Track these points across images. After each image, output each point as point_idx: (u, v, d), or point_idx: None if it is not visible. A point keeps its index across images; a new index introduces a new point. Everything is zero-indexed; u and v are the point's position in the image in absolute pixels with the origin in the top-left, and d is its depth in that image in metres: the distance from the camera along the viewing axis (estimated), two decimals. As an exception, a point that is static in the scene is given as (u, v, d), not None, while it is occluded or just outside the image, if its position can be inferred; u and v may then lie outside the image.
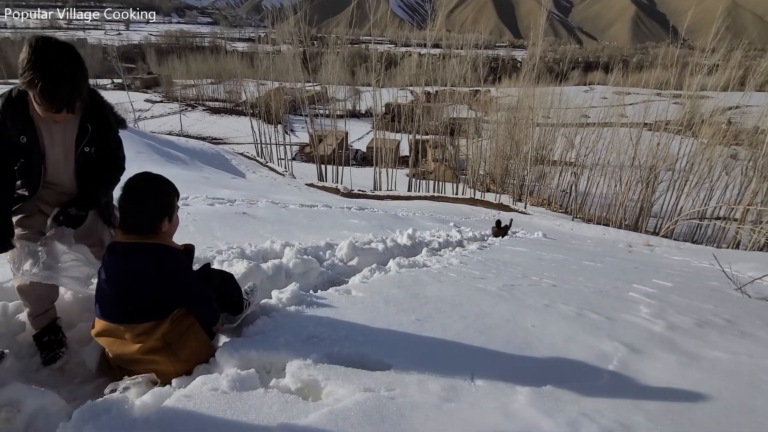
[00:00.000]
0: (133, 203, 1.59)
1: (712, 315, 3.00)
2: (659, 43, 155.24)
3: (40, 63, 1.49)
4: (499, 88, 39.94)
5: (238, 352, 1.68)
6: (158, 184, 1.66)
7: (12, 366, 1.59)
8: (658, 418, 1.45)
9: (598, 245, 10.96)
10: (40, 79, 1.49)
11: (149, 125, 44.06)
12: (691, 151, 21.37)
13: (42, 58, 1.49)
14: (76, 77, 1.57)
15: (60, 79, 1.52)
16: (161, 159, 14.67)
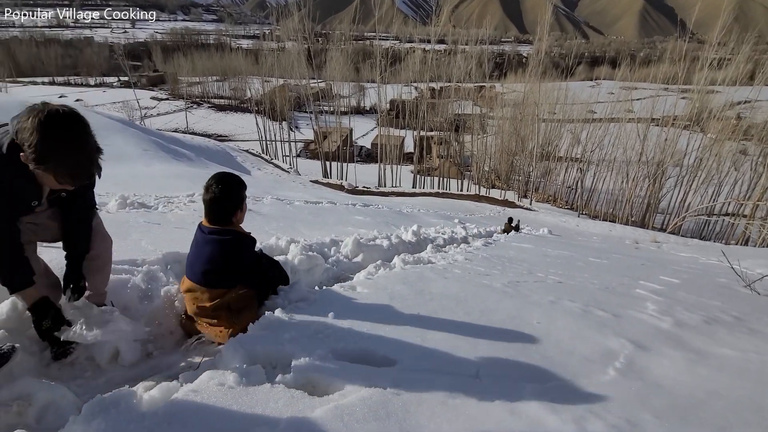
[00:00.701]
0: (214, 202, 2.05)
1: (721, 312, 2.97)
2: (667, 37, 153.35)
3: (55, 150, 1.39)
4: (504, 84, 39.67)
5: (244, 347, 1.69)
6: (232, 184, 2.09)
7: (23, 360, 1.61)
8: (666, 415, 1.45)
9: (605, 242, 10.90)
10: (57, 166, 1.42)
11: (155, 123, 44.32)
12: (700, 147, 21.12)
13: (55, 144, 1.39)
14: (92, 152, 1.50)
15: (81, 163, 1.47)
16: (167, 156, 14.77)
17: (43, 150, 1.38)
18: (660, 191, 21.48)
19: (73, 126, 1.43)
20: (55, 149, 1.39)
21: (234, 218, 2.12)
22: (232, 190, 2.08)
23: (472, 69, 28.31)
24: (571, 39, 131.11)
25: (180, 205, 5.37)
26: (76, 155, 1.44)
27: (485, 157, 29.39)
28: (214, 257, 2.06)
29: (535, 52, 25.57)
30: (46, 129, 1.37)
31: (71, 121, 1.43)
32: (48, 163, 1.40)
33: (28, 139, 1.37)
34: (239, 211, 2.12)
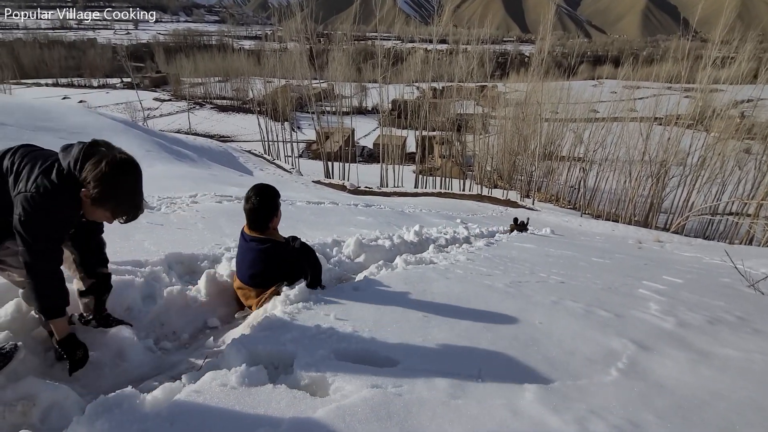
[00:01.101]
0: (253, 212, 2.43)
1: (724, 312, 2.96)
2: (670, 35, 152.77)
3: (120, 194, 1.61)
4: (506, 84, 39.60)
5: (246, 348, 1.70)
6: (268, 195, 2.45)
7: (27, 361, 1.62)
8: (668, 416, 1.44)
9: (607, 241, 10.86)
10: (117, 206, 1.63)
11: (158, 123, 44.49)
12: (703, 146, 21.01)
13: (120, 188, 1.60)
14: (142, 195, 1.71)
15: (137, 205, 1.68)
16: (170, 157, 14.82)
17: (110, 192, 1.58)
18: (663, 191, 21.37)
19: (134, 172, 1.64)
20: (119, 193, 1.61)
21: (270, 224, 2.49)
22: (268, 200, 2.45)
23: (474, 69, 28.26)
24: (574, 38, 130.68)
25: (182, 206, 5.38)
26: (134, 198, 1.66)
27: (487, 156, 29.33)
28: (255, 263, 2.46)
29: (538, 51, 25.50)
30: (114, 175, 1.57)
31: (133, 168, 1.64)
32: (110, 203, 1.61)
33: (95, 180, 1.55)
34: (275, 217, 2.50)
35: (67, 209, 1.60)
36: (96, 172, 1.54)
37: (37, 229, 1.54)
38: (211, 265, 3.02)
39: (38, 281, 1.60)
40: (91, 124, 15.18)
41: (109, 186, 1.56)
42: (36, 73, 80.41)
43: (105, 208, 1.62)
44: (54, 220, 1.58)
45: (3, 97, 18.96)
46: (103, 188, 1.56)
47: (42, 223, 1.54)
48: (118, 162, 1.59)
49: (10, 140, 7.62)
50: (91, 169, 1.55)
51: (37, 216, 1.52)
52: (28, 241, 1.54)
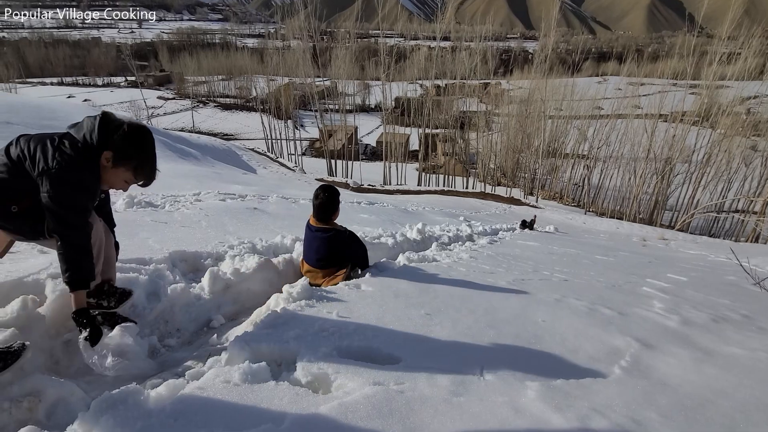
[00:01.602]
0: (321, 206, 2.91)
1: (729, 310, 2.94)
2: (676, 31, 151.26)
3: (141, 151, 1.78)
4: (510, 81, 39.43)
5: (249, 345, 1.70)
6: (333, 193, 2.95)
7: (34, 357, 1.64)
8: (671, 414, 1.44)
9: (611, 239, 10.81)
10: (145, 166, 1.80)
11: (162, 122, 44.63)
12: (709, 143, 20.84)
13: (142, 147, 1.78)
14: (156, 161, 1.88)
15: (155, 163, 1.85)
16: (174, 155, 14.86)
17: (133, 150, 1.74)
18: (668, 188, 21.24)
19: (150, 134, 1.81)
20: (141, 151, 1.77)
21: (332, 217, 2.99)
22: (333, 197, 2.94)
23: (478, 66, 28.14)
24: (578, 34, 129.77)
25: (186, 204, 5.40)
26: (153, 158, 1.83)
27: (491, 154, 29.23)
28: (320, 249, 2.93)
29: (541, 48, 25.35)
30: (136, 134, 1.75)
31: (149, 131, 1.82)
32: (133, 161, 1.75)
33: (121, 139, 1.70)
34: (336, 212, 2.99)
35: (91, 178, 1.68)
36: (120, 132, 1.69)
37: (68, 202, 1.61)
38: (214, 262, 3.03)
39: (71, 253, 1.64)
40: (96, 123, 15.23)
41: (132, 144, 1.72)
42: (41, 72, 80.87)
43: (128, 167, 1.75)
44: (81, 189, 1.65)
45: (9, 96, 19.08)
46: (127, 146, 1.71)
47: (71, 195, 1.61)
48: (137, 125, 1.77)
49: (15, 139, 7.50)
50: (114, 130, 1.70)
51: (65, 189, 1.59)
52: (61, 214, 1.60)
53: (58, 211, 1.59)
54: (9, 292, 1.92)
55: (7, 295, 1.89)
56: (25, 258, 2.48)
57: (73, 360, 1.79)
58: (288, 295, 2.37)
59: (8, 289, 1.93)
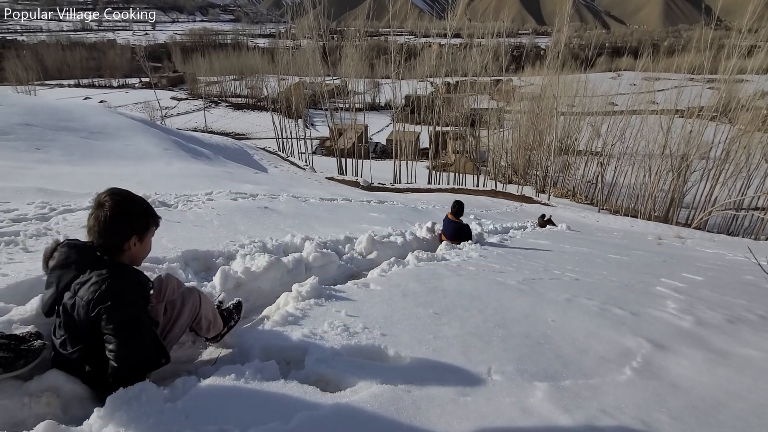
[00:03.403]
0: (458, 209, 5.53)
1: (745, 311, 2.88)
2: (693, 25, 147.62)
3: (139, 204, 1.59)
4: (521, 77, 38.97)
5: (259, 343, 1.73)
6: (462, 204, 5.63)
7: (51, 355, 1.69)
8: (682, 416, 1.42)
9: (625, 237, 10.63)
10: (150, 212, 1.60)
11: (175, 122, 45.28)
12: (727, 139, 20.29)
13: (135, 201, 1.58)
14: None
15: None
16: (186, 155, 15.08)
17: (133, 213, 1.54)
18: (684, 185, 20.75)
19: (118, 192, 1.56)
20: (136, 206, 1.56)
21: (462, 215, 5.50)
22: (462, 206, 5.54)
23: (489, 62, 27.87)
24: (592, 29, 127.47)
25: (198, 203, 5.49)
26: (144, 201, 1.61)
27: (502, 151, 28.94)
28: (454, 234, 5.40)
29: (554, 43, 24.97)
30: (119, 204, 1.51)
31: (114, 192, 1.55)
32: (143, 219, 1.57)
33: (145, 209, 1.58)
34: (462, 213, 5.52)
35: (136, 282, 1.51)
36: (110, 220, 1.47)
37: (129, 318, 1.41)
38: (226, 261, 3.08)
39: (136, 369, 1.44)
40: (111, 124, 15.57)
41: (128, 212, 1.52)
42: (59, 74, 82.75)
43: (145, 229, 1.59)
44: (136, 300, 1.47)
45: (28, 99, 19.58)
46: (141, 212, 1.55)
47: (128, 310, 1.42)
48: (105, 198, 1.50)
49: (35, 139, 7.86)
50: (108, 225, 1.48)
51: (124, 309, 1.40)
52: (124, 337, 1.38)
53: (123, 335, 1.43)
54: (28, 290, 1.98)
55: (27, 293, 1.95)
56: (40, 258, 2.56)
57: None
58: (297, 294, 2.39)
59: (27, 288, 1.99)
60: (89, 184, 7.06)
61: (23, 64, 60.07)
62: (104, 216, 1.47)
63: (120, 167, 10.57)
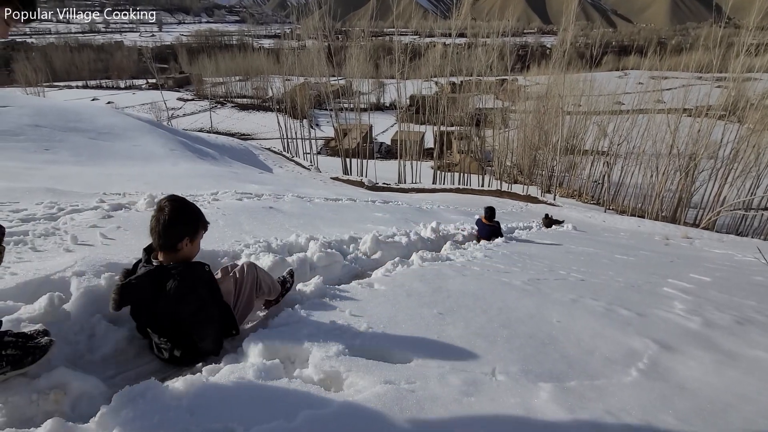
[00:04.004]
0: (490, 213, 6.44)
1: (755, 312, 2.84)
2: (701, 23, 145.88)
3: (191, 210, 1.89)
4: (527, 77, 38.79)
5: (263, 342, 1.74)
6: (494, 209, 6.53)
7: (59, 352, 1.71)
8: (690, 418, 1.40)
9: (632, 238, 10.54)
10: (200, 217, 1.90)
11: (181, 123, 45.64)
12: (736, 138, 20.06)
13: (188, 209, 1.89)
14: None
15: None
16: (192, 155, 15.19)
17: (194, 215, 1.87)
18: (692, 185, 20.55)
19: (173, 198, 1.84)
20: (190, 213, 1.86)
21: (493, 218, 6.40)
22: (494, 211, 6.47)
23: (494, 62, 27.78)
24: (598, 28, 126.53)
25: (204, 203, 5.52)
26: (195, 207, 1.90)
27: (507, 151, 28.84)
28: (488, 233, 6.21)
29: (560, 42, 24.83)
30: (183, 207, 1.84)
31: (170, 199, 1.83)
32: (194, 224, 1.85)
33: (188, 225, 1.83)
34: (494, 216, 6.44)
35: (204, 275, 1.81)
36: (168, 223, 1.77)
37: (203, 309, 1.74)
38: (231, 261, 3.09)
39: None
40: (118, 125, 15.71)
41: (183, 217, 1.80)
42: (67, 75, 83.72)
43: (196, 232, 1.85)
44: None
45: (37, 100, 19.82)
46: (195, 216, 1.85)
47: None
48: (164, 203, 1.80)
49: (44, 140, 7.96)
50: (167, 228, 1.77)
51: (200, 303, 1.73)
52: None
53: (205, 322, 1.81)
54: (37, 289, 2.00)
55: (35, 292, 1.98)
56: (52, 257, 2.59)
57: (97, 355, 1.86)
58: (302, 293, 2.40)
59: (36, 287, 2.01)
60: (97, 184, 7.14)
61: (32, 65, 60.87)
62: (164, 219, 1.75)
63: (127, 167, 10.67)
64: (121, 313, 2.08)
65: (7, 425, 1.25)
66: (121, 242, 3.19)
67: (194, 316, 1.71)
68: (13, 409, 1.32)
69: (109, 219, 3.89)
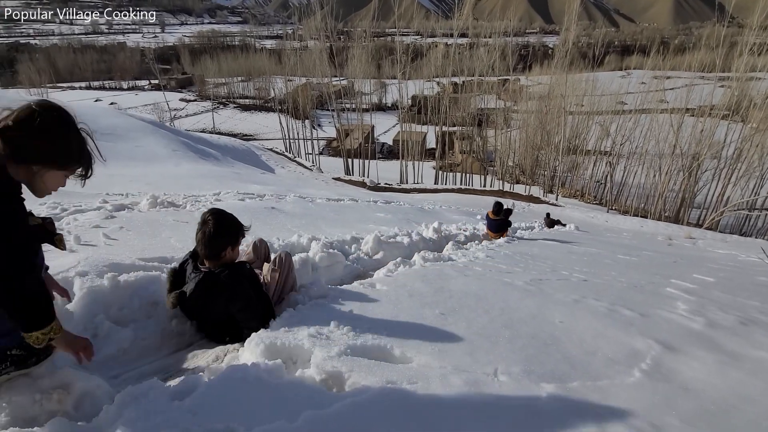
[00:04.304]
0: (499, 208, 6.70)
1: (759, 312, 2.82)
2: (704, 22, 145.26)
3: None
4: (529, 77, 38.73)
5: (265, 342, 1.74)
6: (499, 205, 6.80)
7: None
8: (693, 420, 1.39)
9: (635, 238, 10.51)
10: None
11: (184, 123, 45.78)
12: (740, 137, 19.97)
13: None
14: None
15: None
16: (195, 156, 15.24)
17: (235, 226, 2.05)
18: (696, 185, 20.47)
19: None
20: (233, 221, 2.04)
21: (503, 212, 6.72)
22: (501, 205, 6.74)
23: (496, 62, 27.74)
24: (600, 28, 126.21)
25: (207, 204, 5.54)
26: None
27: (509, 151, 28.79)
28: (497, 227, 6.66)
29: (562, 42, 24.77)
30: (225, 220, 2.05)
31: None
32: (242, 230, 2.07)
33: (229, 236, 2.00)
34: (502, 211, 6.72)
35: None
36: (213, 235, 1.94)
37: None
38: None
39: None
40: (121, 126, 15.78)
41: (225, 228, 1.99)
42: (71, 76, 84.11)
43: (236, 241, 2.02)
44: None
45: (40, 101, 19.90)
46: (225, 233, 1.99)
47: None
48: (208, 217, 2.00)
49: (46, 142, 7.81)
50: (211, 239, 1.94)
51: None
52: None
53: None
54: (40, 289, 2.00)
55: (39, 292, 1.98)
56: (56, 257, 2.60)
57: (100, 355, 1.87)
58: (304, 293, 2.40)
59: (39, 287, 2.02)
60: (100, 185, 7.17)
61: (36, 67, 61.22)
62: (208, 232, 1.97)
63: (130, 168, 10.71)
64: (123, 313, 2.09)
65: (11, 425, 1.26)
66: (123, 242, 3.20)
67: (242, 312, 1.97)
68: (16, 408, 1.32)
69: (112, 219, 3.91)
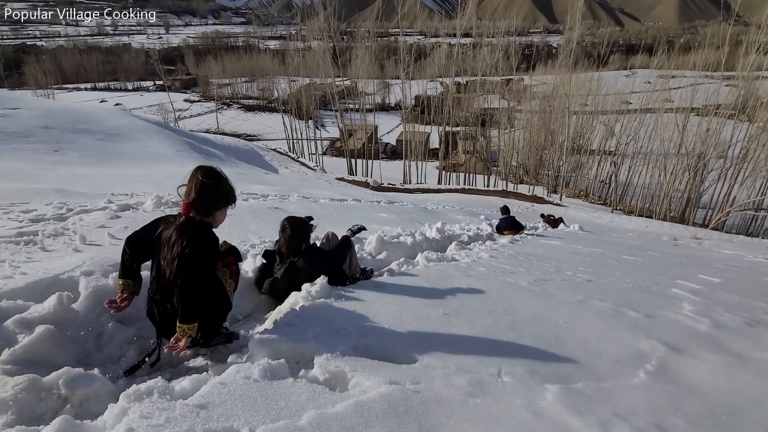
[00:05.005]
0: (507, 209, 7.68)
1: (766, 314, 2.80)
2: (710, 21, 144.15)
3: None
4: (532, 76, 38.60)
5: (269, 342, 1.74)
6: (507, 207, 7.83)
7: (67, 351, 1.73)
8: (699, 421, 1.38)
9: (640, 238, 10.44)
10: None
11: (188, 124, 46.00)
12: (746, 137, 19.80)
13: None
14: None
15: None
16: (199, 156, 15.30)
17: (307, 228, 2.73)
18: (701, 185, 20.32)
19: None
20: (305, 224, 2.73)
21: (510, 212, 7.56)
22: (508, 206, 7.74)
23: (499, 62, 27.67)
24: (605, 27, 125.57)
25: (211, 203, 5.55)
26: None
27: (513, 151, 28.70)
28: (510, 225, 7.24)
29: (566, 41, 24.67)
30: (300, 225, 2.71)
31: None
32: (311, 230, 2.77)
33: (306, 238, 2.71)
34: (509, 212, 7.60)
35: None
36: (292, 238, 2.64)
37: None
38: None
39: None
40: (126, 126, 15.86)
41: (300, 232, 2.66)
42: (76, 77, 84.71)
43: (308, 239, 2.71)
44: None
45: (47, 102, 20.08)
46: (301, 236, 2.67)
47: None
48: (286, 224, 2.67)
49: (54, 141, 8.06)
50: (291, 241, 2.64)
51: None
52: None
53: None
54: (46, 288, 2.02)
55: (45, 291, 2.00)
56: (61, 257, 2.62)
57: (104, 354, 1.88)
58: (307, 293, 2.41)
59: (45, 286, 2.04)
60: (105, 185, 7.21)
61: (42, 68, 61.63)
62: (288, 236, 2.65)
63: (135, 168, 10.77)
64: (127, 313, 2.10)
65: (17, 423, 1.27)
66: (128, 242, 3.21)
67: (330, 274, 2.62)
68: (22, 407, 1.33)
69: (117, 219, 3.94)
